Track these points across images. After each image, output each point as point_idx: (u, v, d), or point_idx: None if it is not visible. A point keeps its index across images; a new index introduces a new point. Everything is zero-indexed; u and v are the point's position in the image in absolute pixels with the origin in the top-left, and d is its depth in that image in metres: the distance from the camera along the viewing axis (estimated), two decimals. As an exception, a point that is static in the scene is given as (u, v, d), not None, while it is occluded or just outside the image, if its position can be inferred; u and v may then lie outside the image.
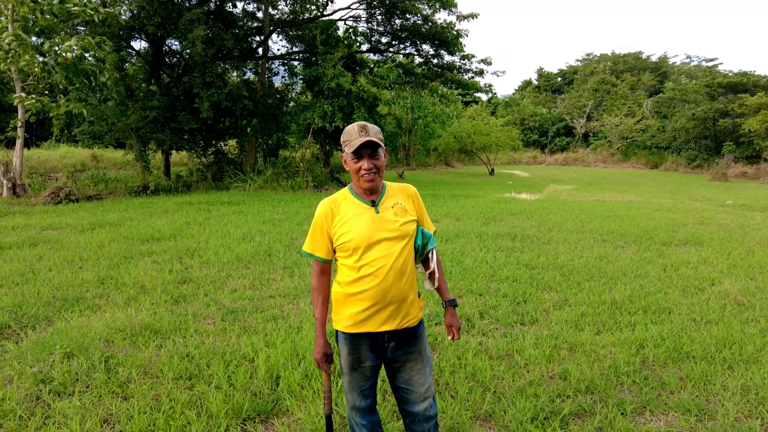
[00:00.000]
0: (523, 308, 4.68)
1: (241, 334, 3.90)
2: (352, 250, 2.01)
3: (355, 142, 1.96)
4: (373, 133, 1.99)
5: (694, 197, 15.10)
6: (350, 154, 1.99)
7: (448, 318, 2.21)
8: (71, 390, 3.00)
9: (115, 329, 3.88)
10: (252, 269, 5.96)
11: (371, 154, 1.99)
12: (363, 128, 1.98)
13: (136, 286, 5.19)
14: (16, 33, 11.22)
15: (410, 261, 2.06)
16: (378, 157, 2.01)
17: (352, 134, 1.99)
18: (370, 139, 1.95)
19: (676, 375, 3.38)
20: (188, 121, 15.13)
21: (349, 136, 2.00)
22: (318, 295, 2.14)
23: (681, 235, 8.46)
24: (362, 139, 1.95)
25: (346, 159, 2.04)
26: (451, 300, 2.23)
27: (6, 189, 12.69)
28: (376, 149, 2.00)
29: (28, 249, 6.89)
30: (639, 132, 37.05)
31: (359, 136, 1.97)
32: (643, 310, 4.63)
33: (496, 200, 13.18)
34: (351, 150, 1.97)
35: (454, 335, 2.19)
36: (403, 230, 2.03)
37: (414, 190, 2.20)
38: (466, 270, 5.90)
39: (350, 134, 2.00)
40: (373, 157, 2.00)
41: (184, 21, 13.24)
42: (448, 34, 17.23)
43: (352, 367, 2.11)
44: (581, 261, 6.52)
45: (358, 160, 1.99)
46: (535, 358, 3.59)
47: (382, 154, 2.04)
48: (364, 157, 1.99)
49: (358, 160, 1.99)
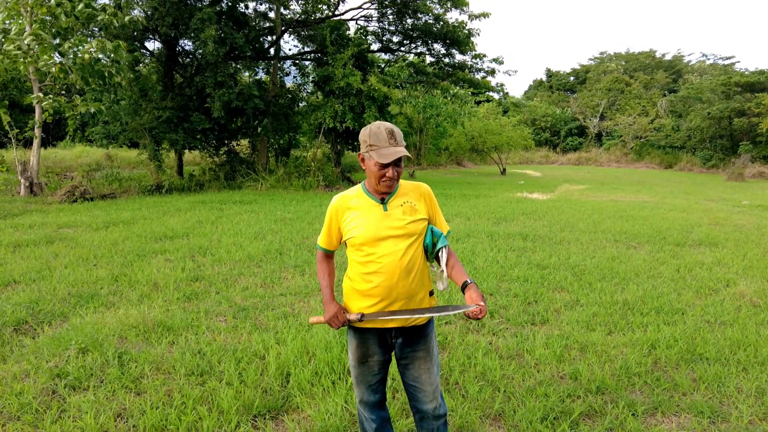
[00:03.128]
0: (534, 308, 4.66)
1: (252, 332, 3.93)
2: (358, 245, 2.03)
3: (385, 152, 1.92)
4: (401, 142, 1.97)
5: (709, 197, 14.91)
6: (379, 162, 1.94)
7: (472, 294, 1.97)
8: (86, 385, 3.05)
9: (129, 326, 3.94)
10: (263, 267, 6.01)
11: (396, 163, 1.97)
12: (392, 135, 1.94)
13: (149, 284, 5.25)
14: (36, 33, 11.40)
15: (418, 259, 2.06)
16: (401, 164, 2.00)
17: (380, 139, 1.94)
18: (402, 152, 1.93)
19: (688, 376, 3.35)
20: (201, 121, 15.26)
21: (377, 140, 1.94)
22: (323, 270, 2.22)
23: (695, 236, 8.36)
24: (394, 151, 1.92)
25: (366, 161, 2.00)
26: (467, 280, 2.03)
27: (23, 188, 12.91)
28: (401, 159, 1.98)
29: (45, 246, 7.00)
30: (653, 131, 36.64)
31: (389, 144, 1.93)
32: (655, 311, 4.59)
33: (507, 200, 13.13)
34: (383, 161, 1.91)
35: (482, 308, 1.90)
36: (409, 229, 2.02)
37: (427, 189, 2.18)
38: (476, 270, 5.89)
39: (378, 138, 1.94)
40: (398, 165, 1.98)
41: (196, 21, 13.36)
42: (459, 33, 17.19)
43: (360, 361, 2.13)
44: (593, 261, 6.47)
45: (383, 167, 1.96)
46: (545, 358, 3.57)
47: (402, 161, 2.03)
48: (390, 166, 1.96)
49: (383, 167, 1.96)
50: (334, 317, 2.06)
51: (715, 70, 43.44)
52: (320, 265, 2.24)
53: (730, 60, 47.66)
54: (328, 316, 2.06)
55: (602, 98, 43.22)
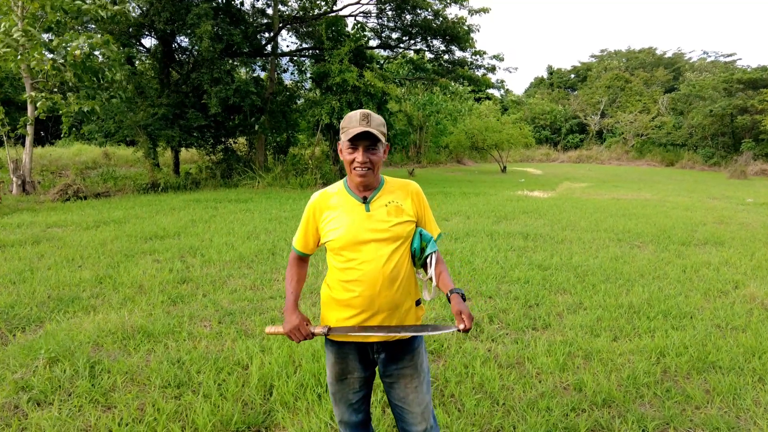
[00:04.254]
0: (535, 312, 4.44)
1: (236, 338, 3.71)
2: (337, 250, 1.82)
3: (353, 130, 1.76)
4: (375, 125, 1.78)
5: (712, 195, 14.67)
6: (346, 142, 1.79)
7: (454, 305, 1.78)
8: (52, 399, 2.82)
9: (106, 332, 3.71)
10: (254, 269, 5.79)
11: (369, 147, 1.79)
12: (365, 117, 1.77)
13: (134, 286, 5.03)
14: (25, 29, 11.18)
15: (404, 266, 1.84)
16: (376, 151, 1.80)
17: (352, 121, 1.79)
18: (369, 130, 1.75)
19: (701, 387, 3.12)
20: (197, 117, 15.03)
21: (349, 122, 1.80)
22: (292, 275, 1.99)
23: (700, 235, 8.13)
24: (361, 129, 1.74)
25: (342, 147, 1.84)
26: (454, 288, 1.84)
27: (15, 186, 12.68)
28: (375, 142, 1.79)
29: (31, 247, 6.78)
30: (654, 129, 36.37)
31: (359, 124, 1.76)
32: (662, 315, 4.37)
33: (508, 198, 12.90)
34: (347, 138, 1.77)
35: (465, 324, 1.71)
36: (394, 231, 1.81)
37: (416, 187, 1.97)
38: (475, 271, 5.67)
39: (350, 121, 1.79)
40: (370, 150, 1.79)
41: (192, 16, 13.13)
42: (459, 29, 16.94)
43: (338, 378, 1.92)
44: (596, 261, 6.25)
45: (353, 151, 1.79)
46: (547, 366, 3.35)
47: (381, 150, 1.83)
48: (360, 148, 1.78)
49: (353, 151, 1.79)
50: (295, 329, 1.83)
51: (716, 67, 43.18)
52: (290, 268, 2.01)
53: (731, 57, 47.44)
54: (288, 327, 1.84)
55: (603, 95, 42.94)
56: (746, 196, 14.31)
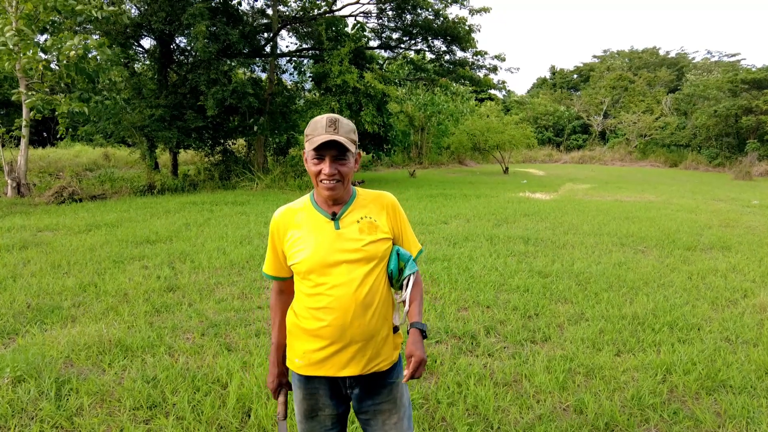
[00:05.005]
0: (534, 323, 4.23)
1: (218, 353, 3.52)
2: (304, 273, 1.62)
3: (318, 138, 1.54)
4: (343, 131, 1.57)
5: (717, 197, 14.42)
6: (311, 151, 1.57)
7: (408, 344, 1.60)
8: (10, 424, 2.64)
9: (81, 346, 3.53)
10: (244, 276, 5.59)
11: (336, 157, 1.57)
12: (332, 123, 1.56)
13: (118, 295, 4.85)
14: (19, 29, 11.03)
15: (380, 290, 1.63)
16: (345, 161, 1.59)
17: (317, 127, 1.57)
18: (335, 138, 1.53)
19: (711, 409, 2.92)
20: (195, 119, 14.85)
21: (314, 129, 1.58)
22: (275, 315, 1.82)
23: (706, 239, 7.91)
24: (327, 137, 1.53)
25: (306, 157, 1.63)
26: (416, 322, 1.65)
27: (10, 189, 12.53)
28: (344, 152, 1.58)
29: (18, 252, 6.61)
30: (658, 129, 36.07)
31: (325, 132, 1.55)
32: (668, 327, 4.16)
33: (509, 200, 12.68)
34: (312, 147, 1.55)
35: (409, 371, 1.55)
36: (368, 251, 1.61)
37: (392, 199, 1.76)
38: (473, 278, 5.46)
39: (315, 127, 1.58)
40: (339, 161, 1.58)
41: (188, 15, 12.95)
42: (460, 29, 16.73)
43: (307, 415, 1.71)
44: (599, 268, 6.04)
45: (319, 162, 1.58)
46: (546, 385, 3.15)
47: (351, 160, 1.61)
48: (326, 158, 1.57)
49: (319, 162, 1.58)
50: (275, 389, 1.81)
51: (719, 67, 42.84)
52: (273, 303, 1.84)
53: (735, 57, 46.97)
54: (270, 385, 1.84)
55: (606, 96, 42.65)
56: (752, 198, 14.06)
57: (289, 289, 1.78)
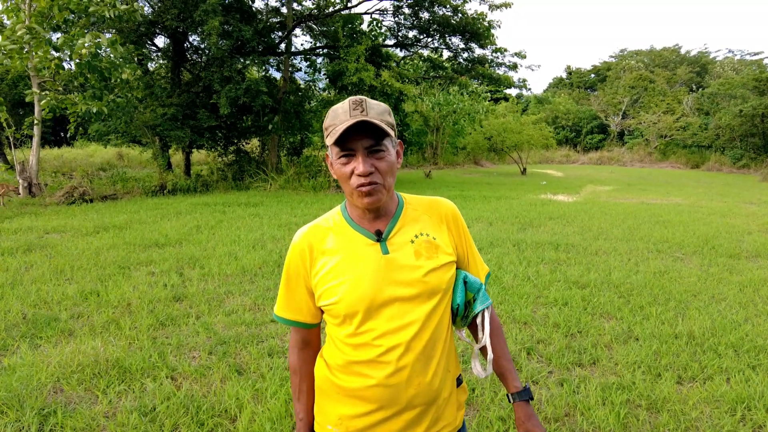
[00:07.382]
0: (579, 342, 3.78)
1: (227, 377, 3.13)
2: (343, 318, 1.17)
3: (341, 127, 1.08)
4: (374, 113, 1.11)
5: (746, 200, 13.77)
6: (334, 147, 1.12)
7: (519, 419, 1.25)
8: (-18, 469, 2.27)
9: (74, 367, 3.15)
10: (257, 284, 5.21)
11: (371, 150, 1.11)
12: (358, 104, 1.10)
13: (120, 305, 4.49)
14: (30, 26, 10.81)
15: (444, 334, 1.21)
16: (384, 153, 1.13)
17: (338, 115, 1.11)
18: (367, 119, 1.07)
19: (809, 458, 2.46)
20: (207, 118, 14.57)
21: (333, 118, 1.12)
22: (300, 380, 1.32)
23: (748, 246, 7.37)
24: (352, 120, 1.07)
25: (331, 159, 1.18)
26: (521, 391, 1.27)
27: (22, 188, 12.34)
28: (380, 139, 1.11)
29: (21, 256, 6.31)
30: (679, 130, 35.15)
31: (350, 116, 1.09)
32: (733, 350, 3.68)
33: (531, 202, 12.18)
34: (334, 140, 1.09)
35: None
36: (429, 283, 1.16)
37: (451, 207, 1.30)
38: (505, 289, 5.02)
39: (335, 115, 1.12)
40: (375, 153, 1.12)
41: (200, 12, 12.65)
42: (479, 25, 16.25)
43: None
44: (639, 278, 5.55)
45: (348, 160, 1.12)
46: (604, 422, 2.70)
47: (392, 150, 1.15)
48: (357, 153, 1.11)
49: (348, 160, 1.12)
50: None
51: (743, 65, 41.72)
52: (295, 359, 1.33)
53: (758, 55, 45.79)
54: None
55: (624, 95, 41.75)
56: (787, 201, 13.39)
57: (316, 340, 1.33)
